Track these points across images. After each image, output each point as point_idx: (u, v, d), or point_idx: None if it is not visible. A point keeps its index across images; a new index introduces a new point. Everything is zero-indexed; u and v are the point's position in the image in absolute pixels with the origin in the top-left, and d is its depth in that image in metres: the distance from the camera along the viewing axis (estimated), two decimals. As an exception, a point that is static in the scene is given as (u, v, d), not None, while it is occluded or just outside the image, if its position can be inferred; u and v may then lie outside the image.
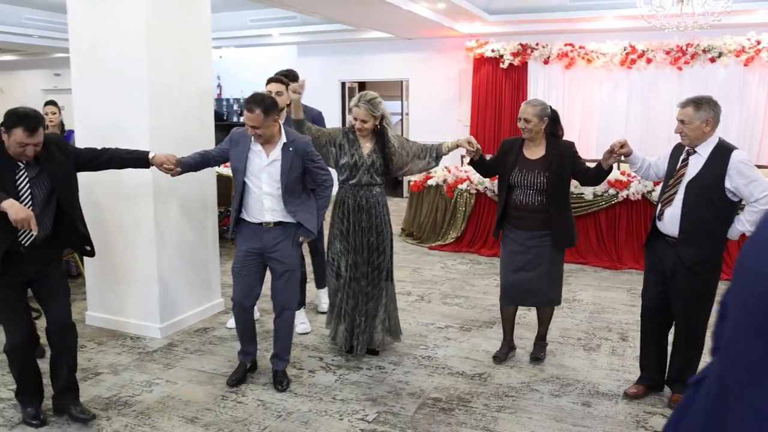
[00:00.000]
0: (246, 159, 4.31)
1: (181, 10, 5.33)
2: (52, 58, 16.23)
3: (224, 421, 4.01)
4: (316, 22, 11.75)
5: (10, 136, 3.57)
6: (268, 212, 4.35)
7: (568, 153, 4.59)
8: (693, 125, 3.95)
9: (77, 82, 5.35)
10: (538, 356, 4.92)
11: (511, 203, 4.67)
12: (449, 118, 12.32)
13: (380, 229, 4.73)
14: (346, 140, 4.71)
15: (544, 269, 4.67)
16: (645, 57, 10.59)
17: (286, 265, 4.42)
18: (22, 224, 3.48)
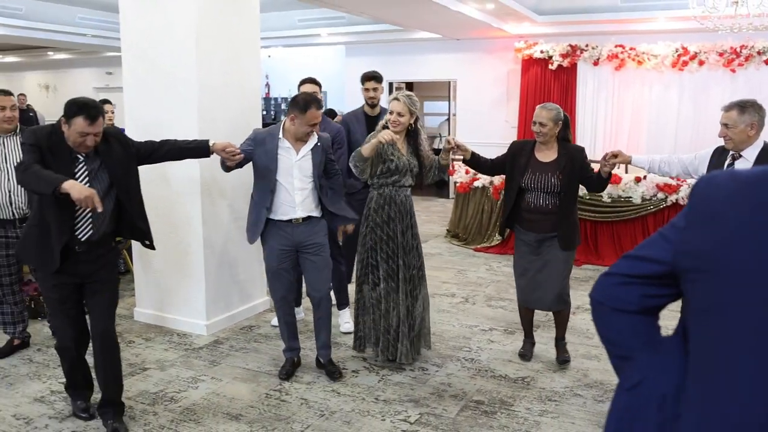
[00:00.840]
0: (276, 158, 4.41)
1: (231, 11, 5.43)
2: (105, 57, 16.59)
3: (267, 418, 4.09)
4: (364, 22, 11.82)
5: (71, 126, 3.52)
6: (299, 208, 4.47)
7: (579, 157, 4.65)
8: (737, 129, 3.93)
9: (128, 81, 5.49)
10: (564, 358, 4.91)
11: (523, 206, 4.70)
12: (497, 119, 12.28)
13: (415, 231, 4.77)
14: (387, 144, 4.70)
15: (554, 271, 4.70)
16: (697, 59, 10.42)
17: (320, 257, 4.57)
18: (87, 202, 3.33)
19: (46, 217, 3.62)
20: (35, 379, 4.62)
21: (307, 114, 4.31)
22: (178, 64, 5.18)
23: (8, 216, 4.83)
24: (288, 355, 4.75)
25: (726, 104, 4.05)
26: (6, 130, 4.84)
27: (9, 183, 4.79)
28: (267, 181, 4.43)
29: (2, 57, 18.36)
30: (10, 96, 4.95)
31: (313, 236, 4.54)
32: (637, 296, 1.45)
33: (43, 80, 18.74)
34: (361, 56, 13.18)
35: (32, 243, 3.73)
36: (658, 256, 1.40)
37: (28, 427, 3.97)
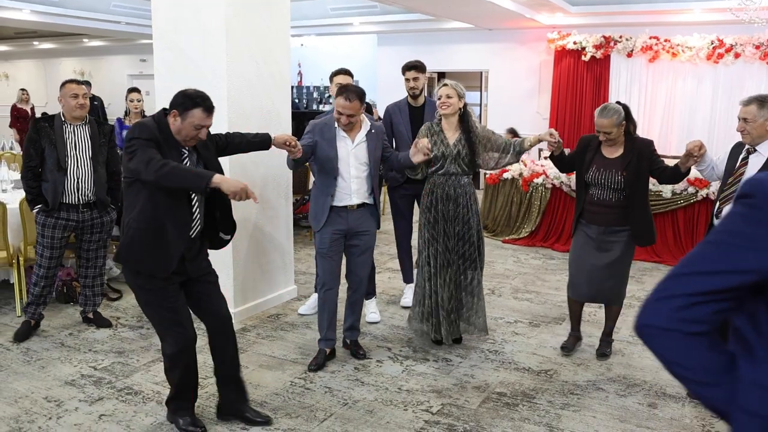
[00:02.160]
0: (336, 146, 4.55)
1: (261, 0, 5.47)
2: (139, 44, 16.75)
3: (292, 406, 4.15)
4: (397, 12, 11.81)
5: (186, 119, 3.46)
6: (355, 195, 4.62)
7: (646, 152, 4.57)
8: (756, 123, 3.93)
9: (159, 70, 5.57)
10: (605, 352, 4.93)
11: (587, 198, 4.69)
12: (529, 110, 12.21)
13: (466, 219, 4.80)
14: (431, 134, 4.80)
15: (615, 267, 4.67)
16: (733, 51, 10.25)
17: (367, 244, 4.77)
18: (241, 194, 3.29)
19: (159, 217, 3.48)
20: (66, 363, 4.73)
21: (337, 100, 4.45)
22: (208, 54, 5.24)
23: (73, 201, 5.07)
24: (323, 345, 4.78)
25: (745, 98, 4.04)
26: (78, 117, 5.04)
27: (78, 170, 5.04)
28: (330, 169, 4.56)
29: (39, 43, 18.62)
30: (83, 85, 5.15)
31: (365, 222, 4.71)
32: (709, 314, 1.33)
33: (78, 67, 18.97)
34: (392, 45, 13.17)
35: (143, 246, 3.51)
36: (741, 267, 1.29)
37: (59, 409, 4.08)
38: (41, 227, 5.09)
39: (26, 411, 4.05)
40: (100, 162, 5.17)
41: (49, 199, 5.03)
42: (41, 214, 5.07)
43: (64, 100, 5.04)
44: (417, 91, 5.72)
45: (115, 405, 4.12)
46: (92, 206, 5.18)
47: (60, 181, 5.00)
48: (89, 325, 5.44)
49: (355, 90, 4.44)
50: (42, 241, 5.12)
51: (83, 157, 5.07)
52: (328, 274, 4.72)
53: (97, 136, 5.17)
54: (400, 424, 3.95)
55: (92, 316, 5.45)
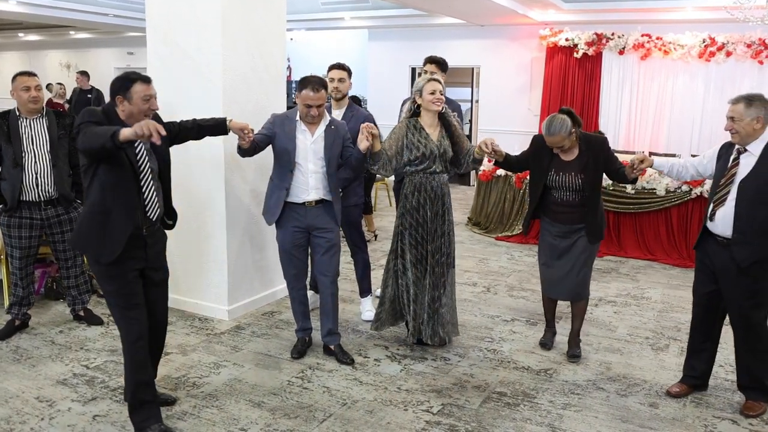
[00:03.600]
0: (295, 139, 4.47)
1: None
2: (126, 37, 16.62)
3: (290, 406, 4.08)
4: (388, 7, 11.74)
5: (132, 96, 3.45)
6: (313, 191, 4.54)
7: (601, 153, 4.58)
8: (743, 122, 3.88)
9: (153, 63, 5.46)
10: (575, 353, 4.85)
11: (551, 200, 4.69)
12: (520, 106, 12.19)
13: (448, 217, 4.76)
14: (411, 132, 4.65)
15: (580, 261, 4.69)
16: (725, 50, 10.26)
17: (330, 241, 4.64)
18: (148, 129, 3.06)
19: (106, 201, 3.46)
20: (57, 361, 4.63)
21: (301, 95, 4.38)
22: (203, 48, 5.15)
23: (34, 198, 4.86)
24: (300, 335, 4.86)
25: (733, 97, 4.00)
26: (32, 110, 4.85)
27: (36, 165, 4.82)
28: (286, 162, 4.49)
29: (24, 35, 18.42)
30: (35, 77, 4.96)
31: (325, 220, 4.61)
32: None
33: (64, 59, 18.79)
34: (384, 41, 13.11)
35: (90, 232, 3.51)
36: None
37: (51, 409, 3.98)
38: (6, 228, 4.95)
39: (17, 411, 3.95)
40: (60, 156, 4.94)
41: (7, 198, 4.86)
42: (3, 215, 4.92)
43: (16, 93, 4.83)
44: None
45: (110, 405, 4.03)
46: (55, 203, 4.98)
47: (17, 178, 4.80)
48: (80, 322, 5.33)
49: (319, 81, 4.39)
50: (9, 242, 4.98)
51: (41, 151, 4.86)
52: (292, 272, 4.70)
53: (56, 129, 4.94)
54: (401, 424, 3.89)
55: (83, 313, 5.34)
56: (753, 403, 4.15)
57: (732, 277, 3.99)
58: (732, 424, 4.01)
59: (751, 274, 3.94)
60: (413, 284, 4.74)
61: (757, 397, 4.16)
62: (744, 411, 4.13)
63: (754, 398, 4.15)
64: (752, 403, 4.14)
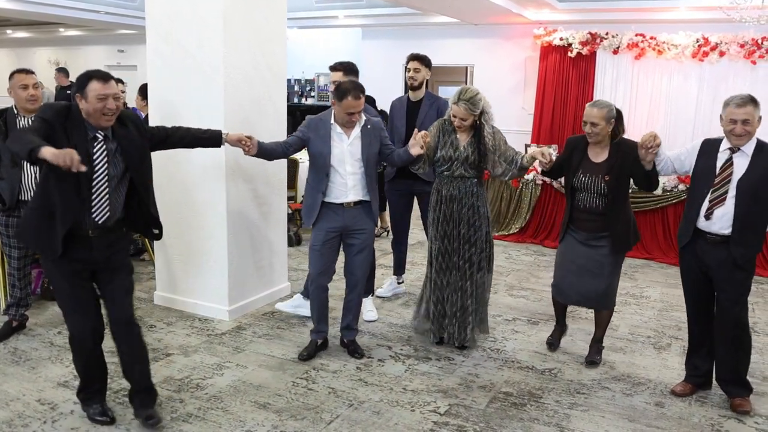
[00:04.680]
0: (330, 143, 4.49)
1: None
2: (117, 34, 16.48)
3: (296, 407, 4.05)
4: (382, 5, 11.70)
5: (88, 95, 3.37)
6: (351, 191, 4.56)
7: (631, 156, 4.38)
8: (755, 124, 3.90)
9: (153, 62, 5.41)
10: (594, 360, 4.80)
11: (575, 205, 4.61)
12: (513, 105, 12.15)
13: (472, 221, 4.71)
14: (442, 133, 4.71)
15: (603, 271, 4.58)
16: (718, 50, 10.27)
17: (365, 242, 4.69)
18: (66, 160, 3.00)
19: (50, 199, 3.42)
20: (57, 363, 4.57)
21: (343, 103, 4.40)
22: (204, 45, 5.10)
23: (25, 197, 4.79)
24: (314, 336, 4.83)
25: (736, 99, 3.90)
26: (29, 110, 4.78)
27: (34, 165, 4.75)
28: (322, 165, 4.52)
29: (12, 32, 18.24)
30: (33, 74, 4.90)
31: (362, 221, 4.64)
32: None
33: (53, 57, 18.61)
34: (377, 39, 13.05)
35: (33, 227, 3.53)
36: None
37: (53, 412, 3.93)
38: (4, 228, 4.89)
39: (19, 414, 3.89)
40: None
41: (6, 198, 4.79)
42: (1, 215, 4.86)
43: (13, 91, 4.76)
44: (415, 82, 5.64)
45: (112, 407, 3.95)
46: None
47: (17, 178, 4.73)
48: (78, 323, 5.27)
49: (360, 87, 4.44)
50: (8, 242, 4.93)
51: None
52: (319, 270, 4.67)
53: None
54: (409, 425, 3.86)
55: (81, 314, 5.27)
56: (741, 400, 4.17)
57: (726, 273, 4.02)
58: (738, 422, 4.02)
59: (746, 268, 4.01)
60: (431, 280, 4.84)
61: (741, 393, 4.19)
62: (735, 409, 4.15)
63: (738, 395, 4.18)
64: (741, 400, 4.17)
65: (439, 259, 4.76)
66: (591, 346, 4.90)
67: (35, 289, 5.75)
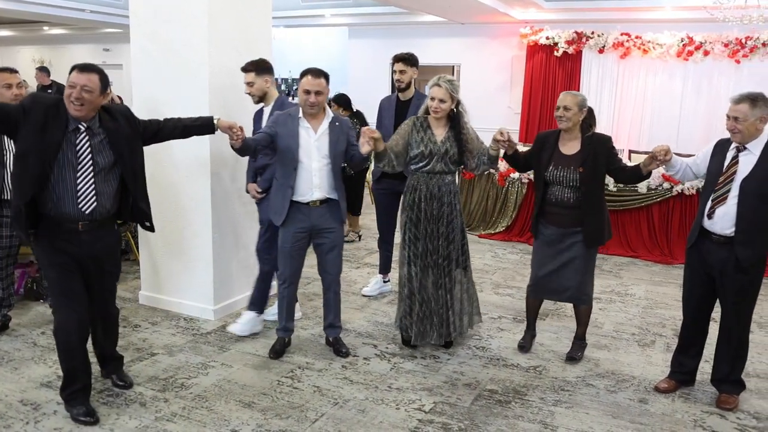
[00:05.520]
0: (298, 136, 4.43)
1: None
2: (102, 33, 16.39)
3: (281, 406, 4.04)
4: (369, 4, 11.73)
5: (67, 87, 3.49)
6: (317, 189, 4.49)
7: (604, 148, 4.46)
8: (748, 122, 3.85)
9: (137, 60, 5.38)
10: (574, 356, 4.81)
11: (546, 199, 4.59)
12: (500, 104, 12.21)
13: (450, 219, 4.68)
14: (416, 130, 4.65)
15: (576, 266, 4.59)
16: (702, 49, 10.37)
17: (334, 241, 4.64)
18: None
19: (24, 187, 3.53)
20: (40, 363, 4.54)
21: (301, 82, 4.37)
22: (190, 43, 5.08)
23: (7, 197, 4.75)
24: (281, 334, 4.81)
25: (735, 96, 3.94)
26: None
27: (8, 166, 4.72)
28: (290, 160, 4.45)
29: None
30: (16, 74, 4.86)
31: (329, 220, 4.58)
32: None
33: (37, 55, 18.48)
34: (364, 38, 13.06)
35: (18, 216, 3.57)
36: None
37: (36, 413, 3.90)
38: None
39: (1, 415, 3.85)
40: None
41: None
42: None
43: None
44: (402, 84, 5.61)
45: (97, 408, 3.92)
46: None
47: (0, 176, 4.71)
48: (62, 323, 5.24)
49: (321, 70, 4.40)
50: None
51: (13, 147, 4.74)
52: (289, 272, 4.66)
53: None
54: (394, 423, 3.87)
55: (64, 313, 5.25)
56: (727, 396, 4.19)
57: (730, 274, 3.98)
58: (720, 418, 4.04)
59: (750, 271, 3.97)
60: (407, 280, 4.76)
61: (731, 390, 4.21)
62: (720, 405, 4.17)
63: (728, 391, 4.20)
64: (726, 397, 4.19)
65: (425, 259, 4.69)
66: (573, 342, 4.92)
67: (18, 290, 5.71)
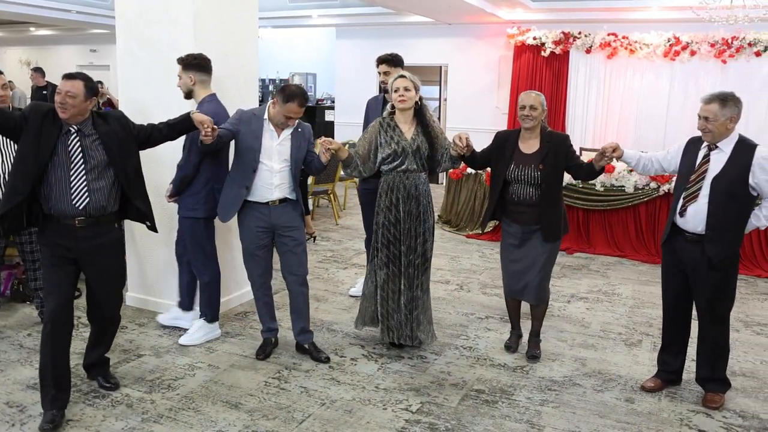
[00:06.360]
0: (261, 138, 4.43)
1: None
2: (89, 34, 16.33)
3: (268, 407, 4.03)
4: (356, 5, 11.73)
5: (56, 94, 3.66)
6: (277, 189, 4.49)
7: (563, 146, 4.54)
8: (718, 122, 3.89)
9: (123, 60, 5.36)
10: (534, 354, 4.83)
11: (508, 198, 4.63)
12: (488, 104, 12.23)
13: (425, 217, 4.67)
14: (383, 130, 4.62)
15: (536, 263, 4.64)
16: (689, 49, 10.42)
17: (297, 239, 4.61)
18: None
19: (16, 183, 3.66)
20: (27, 365, 4.52)
21: (286, 106, 4.34)
22: (175, 45, 5.06)
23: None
24: (266, 335, 4.82)
25: (705, 96, 3.99)
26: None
27: (3, 165, 4.71)
28: (249, 160, 4.43)
29: (-18, 32, 18.05)
30: (1, 75, 4.85)
31: (289, 218, 4.57)
32: None
33: (24, 56, 18.41)
34: (351, 39, 13.06)
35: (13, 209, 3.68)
36: None
37: (22, 415, 3.88)
38: None
39: (-13, 417, 3.86)
40: None
41: None
42: None
43: None
44: (387, 85, 5.61)
45: (83, 409, 3.93)
46: None
47: None
48: (48, 325, 5.22)
49: (305, 95, 4.41)
50: None
51: (8, 150, 4.75)
52: (257, 273, 4.67)
53: None
54: (381, 423, 3.87)
55: (51, 315, 5.23)
56: (713, 395, 4.22)
57: (703, 272, 4.02)
58: (706, 417, 4.06)
59: (721, 268, 4.00)
60: (384, 283, 4.70)
61: (716, 389, 4.23)
62: (706, 404, 4.19)
63: (714, 390, 4.23)
64: (712, 395, 4.22)
65: (400, 258, 4.65)
66: (530, 340, 4.93)
67: (4, 291, 5.69)
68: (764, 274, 7.09)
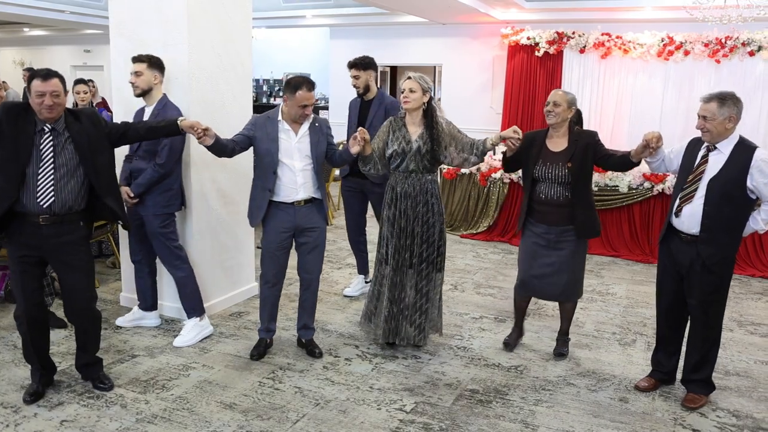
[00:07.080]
0: (278, 140, 4.43)
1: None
2: (83, 34, 16.29)
3: (262, 407, 4.03)
4: (350, 5, 11.72)
5: (31, 93, 3.66)
6: (302, 189, 4.50)
7: (591, 142, 4.51)
8: (716, 121, 3.89)
9: (117, 61, 5.35)
10: (562, 351, 4.89)
11: (535, 197, 4.62)
12: (482, 104, 12.23)
13: (426, 218, 4.66)
14: (392, 129, 4.67)
15: (567, 264, 4.63)
16: (683, 49, 10.43)
17: (317, 240, 4.64)
18: None
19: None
20: (21, 366, 4.50)
21: (297, 95, 4.34)
22: (169, 45, 5.06)
23: None
24: (263, 335, 4.82)
25: (705, 95, 3.98)
26: None
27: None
28: (269, 163, 4.44)
29: (-24, 33, 17.98)
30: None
31: (313, 219, 4.58)
32: None
33: (18, 57, 18.37)
34: (345, 39, 13.05)
35: None
36: None
37: (16, 416, 3.87)
38: None
39: (-19, 418, 3.85)
40: None
41: None
42: None
43: None
44: (359, 89, 5.70)
45: (77, 410, 3.93)
46: None
47: None
48: (42, 325, 5.21)
49: (310, 80, 4.40)
50: None
51: None
52: (272, 272, 4.66)
53: None
54: (375, 423, 3.87)
55: (45, 316, 5.22)
56: (694, 395, 4.22)
57: (697, 273, 4.03)
58: (700, 416, 4.07)
59: (716, 270, 4.00)
60: (383, 279, 4.75)
61: (699, 390, 4.24)
62: (685, 404, 4.19)
63: (696, 391, 4.23)
64: (693, 396, 4.22)
65: (396, 257, 4.68)
66: (558, 339, 4.97)
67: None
68: (758, 274, 7.12)
